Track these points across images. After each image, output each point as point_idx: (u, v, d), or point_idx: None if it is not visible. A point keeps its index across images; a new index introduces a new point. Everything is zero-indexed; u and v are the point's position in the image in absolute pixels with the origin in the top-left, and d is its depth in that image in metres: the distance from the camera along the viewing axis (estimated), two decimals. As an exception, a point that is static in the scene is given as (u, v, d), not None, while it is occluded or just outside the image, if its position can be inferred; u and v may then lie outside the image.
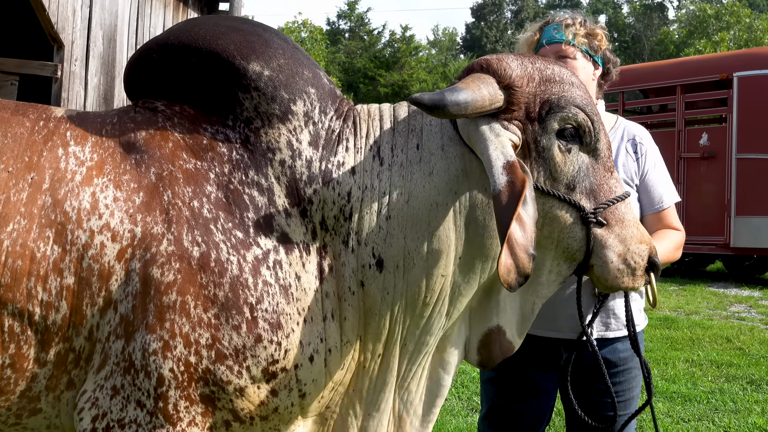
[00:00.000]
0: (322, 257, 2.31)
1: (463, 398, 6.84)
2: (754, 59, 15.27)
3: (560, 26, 3.22)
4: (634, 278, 2.44)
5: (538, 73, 2.38)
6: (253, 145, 2.31)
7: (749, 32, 39.71)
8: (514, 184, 2.14)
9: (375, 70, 48.55)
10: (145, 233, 2.16)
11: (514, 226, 2.12)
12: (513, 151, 2.24)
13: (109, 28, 9.89)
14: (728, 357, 8.63)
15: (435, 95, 2.21)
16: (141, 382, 2.14)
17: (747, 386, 7.51)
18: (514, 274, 2.13)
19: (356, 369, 2.41)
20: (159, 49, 2.39)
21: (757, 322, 11.00)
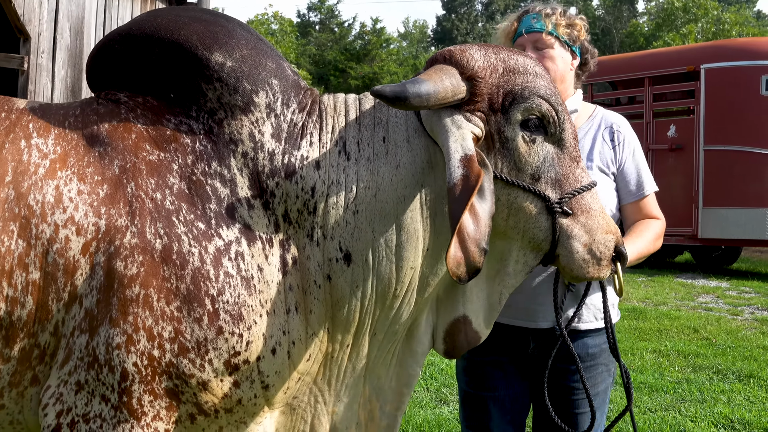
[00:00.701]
0: (286, 250, 2.30)
1: (431, 390, 6.85)
2: (721, 51, 15.38)
3: (539, 16, 3.20)
4: (600, 268, 2.45)
5: (502, 63, 2.38)
6: (216, 136, 2.30)
7: (717, 25, 39.96)
8: (468, 178, 2.14)
9: (346, 63, 48.45)
10: (109, 226, 2.15)
11: (466, 220, 2.14)
12: (473, 144, 2.24)
13: (76, 20, 9.83)
14: (695, 347, 8.71)
15: (397, 87, 2.20)
16: (105, 377, 2.13)
17: (713, 376, 7.58)
18: (464, 268, 2.15)
19: (324, 359, 2.42)
20: (121, 40, 2.38)
21: (724, 312, 11.10)
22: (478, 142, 2.32)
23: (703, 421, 6.22)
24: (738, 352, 8.55)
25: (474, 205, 2.17)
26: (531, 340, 3.17)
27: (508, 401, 3.26)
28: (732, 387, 7.19)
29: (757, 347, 8.80)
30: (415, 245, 2.35)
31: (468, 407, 3.35)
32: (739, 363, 8.03)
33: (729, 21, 40.02)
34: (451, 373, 7.27)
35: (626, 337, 9.24)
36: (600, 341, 3.21)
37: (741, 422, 6.20)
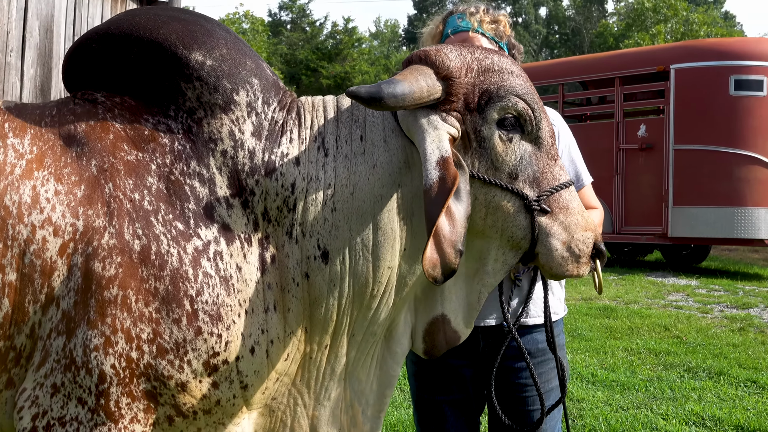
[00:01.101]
0: (264, 248, 2.30)
1: (405, 390, 6.86)
2: (691, 51, 15.49)
3: (464, 15, 3.22)
4: (579, 265, 2.45)
5: (477, 63, 2.38)
6: (195, 135, 2.29)
7: (686, 25, 40.24)
8: (444, 180, 2.14)
9: (317, 62, 48.30)
10: (87, 227, 2.13)
11: (442, 222, 2.14)
12: (449, 146, 2.24)
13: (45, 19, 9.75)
14: (666, 345, 8.78)
15: (372, 88, 2.20)
16: (82, 379, 2.11)
17: (684, 374, 7.65)
18: (439, 269, 2.15)
19: (302, 360, 2.41)
20: (99, 39, 2.36)
21: (695, 310, 11.19)
22: (455, 142, 2.32)
23: (675, 418, 6.27)
24: (708, 349, 8.62)
25: (450, 207, 2.16)
26: (481, 339, 3.16)
27: (462, 404, 3.26)
28: (703, 384, 7.26)
29: (727, 345, 8.88)
30: (392, 245, 2.35)
31: (422, 412, 3.35)
32: (710, 361, 8.10)
33: (697, 21, 40.30)
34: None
35: (598, 335, 9.30)
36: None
37: (712, 419, 6.25)
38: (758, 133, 14.56)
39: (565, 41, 70.15)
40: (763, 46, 15.37)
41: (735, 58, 14.75)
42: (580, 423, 6.11)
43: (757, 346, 8.90)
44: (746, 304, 11.63)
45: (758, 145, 14.52)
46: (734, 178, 14.56)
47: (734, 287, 13.46)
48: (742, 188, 14.55)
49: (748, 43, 16.11)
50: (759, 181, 14.53)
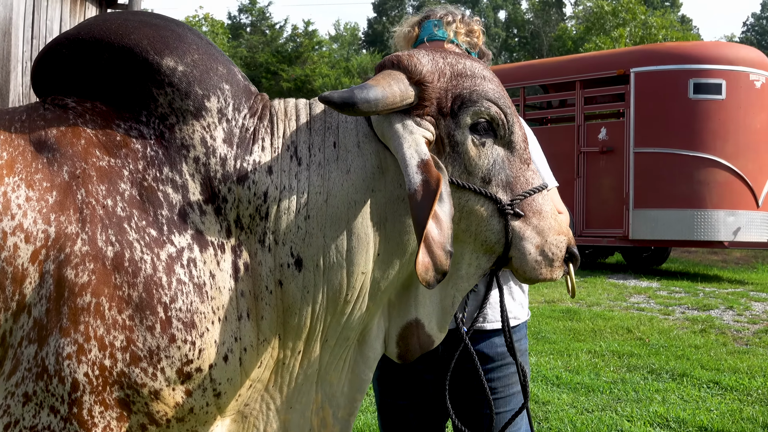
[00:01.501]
0: (237, 255, 2.28)
1: (370, 394, 6.85)
2: (650, 55, 15.66)
3: (441, 23, 3.21)
4: (552, 269, 2.45)
5: (450, 67, 2.38)
6: (167, 141, 2.27)
7: (644, 29, 40.64)
8: (428, 183, 2.14)
9: (277, 65, 48.24)
10: (59, 233, 2.10)
11: (430, 225, 2.13)
12: (427, 149, 2.24)
13: (3, 21, 9.63)
14: (629, 347, 8.85)
15: (345, 93, 2.19)
16: (55, 388, 2.08)
17: (648, 375, 7.71)
18: (432, 272, 2.14)
19: (276, 366, 2.39)
20: (69, 44, 2.33)
21: (656, 312, 11.29)
22: (430, 146, 2.31)
23: (639, 420, 6.32)
24: (671, 351, 8.70)
25: (435, 210, 2.16)
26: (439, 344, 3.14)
27: (425, 408, 3.26)
28: (666, 386, 7.32)
29: (689, 346, 8.97)
30: (365, 250, 2.35)
31: (385, 416, 3.35)
32: (672, 362, 8.17)
33: (656, 25, 40.71)
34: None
35: (561, 338, 9.35)
36: None
37: (676, 421, 6.31)
38: (717, 136, 14.74)
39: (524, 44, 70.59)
40: (721, 49, 15.60)
41: (694, 62, 14.93)
42: (545, 426, 6.14)
43: (718, 347, 9.00)
44: (707, 306, 11.76)
45: (717, 148, 14.70)
46: (694, 181, 14.73)
47: (694, 289, 13.61)
48: (701, 191, 14.73)
49: (707, 47, 16.35)
50: (718, 184, 14.71)
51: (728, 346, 9.07)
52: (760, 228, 14.93)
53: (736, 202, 14.70)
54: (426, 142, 2.28)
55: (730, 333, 9.87)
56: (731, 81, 14.79)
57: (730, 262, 19.12)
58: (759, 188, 14.87)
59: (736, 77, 14.81)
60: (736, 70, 14.85)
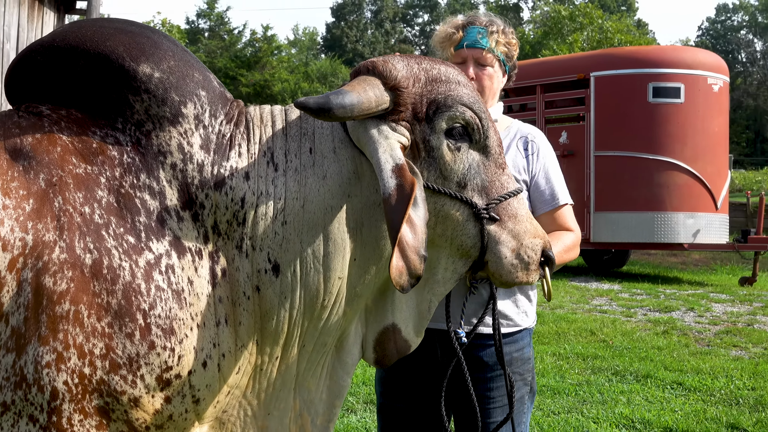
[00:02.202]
0: (215, 261, 2.28)
1: (356, 394, 6.85)
2: (610, 59, 15.79)
3: (485, 32, 3.24)
4: (528, 272, 2.47)
5: (424, 73, 2.40)
6: (144, 148, 2.26)
7: (601, 33, 40.98)
8: (403, 187, 2.16)
9: (236, 70, 48.06)
10: (36, 241, 2.08)
11: (404, 229, 2.15)
12: (402, 153, 2.25)
13: (-40, 26, 9.52)
14: (593, 349, 8.91)
15: (320, 99, 2.21)
16: (34, 397, 2.06)
17: (612, 377, 7.77)
18: (406, 276, 2.16)
19: (253, 372, 2.40)
20: (44, 52, 2.31)
21: (618, 314, 11.38)
22: (405, 151, 2.33)
23: (605, 421, 6.37)
24: (634, 353, 8.78)
25: (409, 214, 2.17)
26: (438, 347, 3.17)
27: (423, 412, 3.27)
28: (631, 387, 7.39)
29: (652, 348, 9.05)
30: (342, 255, 2.36)
31: (384, 418, 3.37)
32: (636, 364, 8.24)
33: (612, 29, 41.05)
34: (356, 382, 7.29)
35: (526, 341, 9.37)
36: (511, 349, 3.22)
37: (641, 422, 6.37)
38: (676, 139, 14.90)
39: (482, 49, 70.71)
40: (680, 54, 15.79)
41: (653, 66, 15.09)
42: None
43: (680, 348, 9.09)
44: (668, 308, 11.87)
45: (676, 151, 14.85)
46: (654, 184, 14.87)
47: (656, 291, 13.74)
48: (661, 193, 14.87)
49: (666, 51, 16.52)
50: (678, 186, 14.87)
51: (690, 347, 9.16)
52: (718, 230, 15.11)
53: (695, 204, 14.87)
54: (401, 147, 2.29)
55: (691, 334, 9.97)
56: (690, 85, 14.96)
57: (689, 264, 19.32)
58: (717, 191, 15.05)
59: (695, 81, 14.98)
60: (695, 74, 15.02)
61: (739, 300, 12.84)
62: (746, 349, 9.22)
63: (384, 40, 76.38)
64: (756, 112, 63.55)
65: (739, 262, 18.51)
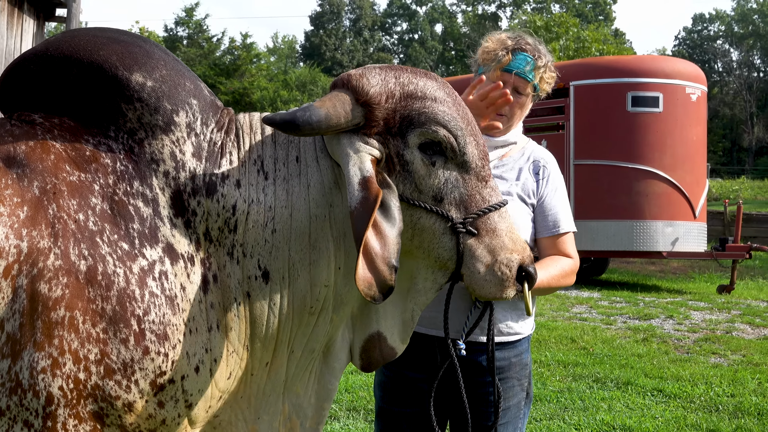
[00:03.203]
0: (207, 268, 2.31)
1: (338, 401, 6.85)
2: (589, 69, 15.86)
3: (534, 64, 3.25)
4: (503, 289, 2.45)
5: (400, 88, 2.41)
6: (137, 155, 2.29)
7: (577, 42, 41.16)
8: (367, 199, 2.18)
9: (215, 78, 47.97)
10: (31, 248, 2.09)
11: (371, 240, 2.18)
12: (371, 166, 2.28)
13: (-60, 34, 9.49)
14: (574, 357, 8.95)
15: (287, 115, 2.25)
16: (29, 402, 2.07)
17: (593, 384, 7.82)
18: (376, 288, 2.19)
19: (244, 377, 2.42)
20: (37, 61, 2.33)
21: (599, 322, 11.44)
22: (380, 163, 2.36)
23: (587, 428, 6.42)
24: (615, 360, 8.83)
25: (379, 225, 2.21)
26: (438, 352, 3.19)
27: (420, 418, 3.29)
28: (612, 394, 7.43)
29: (632, 355, 9.11)
30: (327, 264, 2.39)
31: (382, 422, 3.40)
32: (617, 371, 8.29)
33: (588, 39, 41.23)
34: (339, 390, 7.29)
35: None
36: (510, 354, 3.27)
37: (622, 428, 6.43)
38: (655, 148, 14.97)
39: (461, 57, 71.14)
40: (658, 63, 15.88)
41: (632, 75, 15.16)
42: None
43: (660, 355, 9.15)
44: (648, 315, 11.94)
45: (655, 160, 14.93)
46: (633, 192, 14.93)
47: (635, 299, 13.81)
48: (640, 202, 14.94)
49: (644, 60, 16.63)
50: (656, 195, 14.94)
51: (670, 355, 9.23)
52: (697, 238, 15.20)
53: (673, 213, 14.94)
54: (373, 159, 2.32)
55: (671, 342, 10.04)
56: (668, 94, 15.04)
57: (668, 272, 19.42)
58: (696, 199, 15.14)
59: (673, 90, 15.07)
60: (673, 84, 15.11)
61: (718, 308, 12.94)
62: (725, 356, 9.30)
63: (363, 49, 76.59)
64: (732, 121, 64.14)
65: (717, 270, 18.62)
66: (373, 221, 2.20)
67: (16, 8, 11.19)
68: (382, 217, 2.23)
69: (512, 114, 3.27)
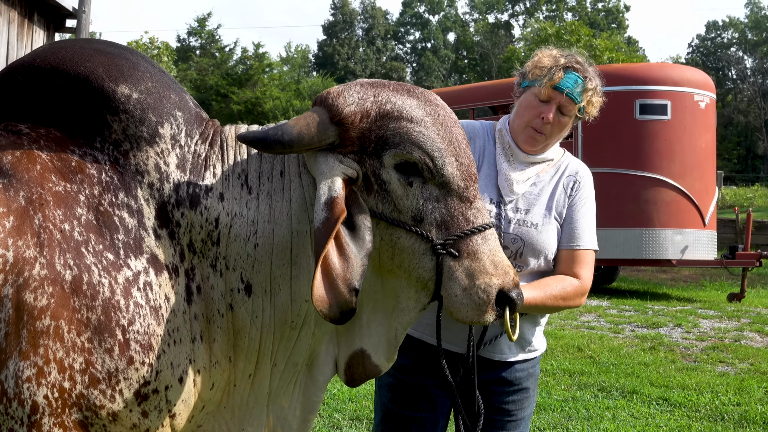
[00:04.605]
0: (191, 279, 2.33)
1: (324, 415, 6.85)
2: (597, 77, 15.82)
3: (584, 86, 3.17)
4: (480, 313, 2.41)
5: (377, 107, 2.38)
6: (122, 167, 2.31)
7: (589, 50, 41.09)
8: (329, 219, 2.19)
9: (227, 87, 48.26)
10: (17, 258, 2.10)
11: (333, 260, 2.19)
12: (340, 185, 2.27)
13: (-51, 45, 9.55)
14: (580, 366, 8.91)
15: (259, 133, 2.27)
16: (14, 411, 2.09)
17: (598, 393, 7.78)
18: (336, 308, 2.18)
19: (227, 387, 2.44)
20: (24, 71, 2.36)
21: (606, 330, 11.39)
22: (357, 182, 2.35)
23: (591, 438, 6.38)
24: (621, 369, 8.79)
25: (344, 246, 2.21)
26: (461, 366, 3.18)
27: (430, 424, 3.33)
28: (616, 404, 7.39)
29: (639, 364, 9.06)
30: (307, 279, 2.39)
31: (388, 424, 3.40)
32: (622, 380, 8.25)
33: (600, 47, 41.14)
34: (342, 398, 7.29)
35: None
36: (527, 365, 3.33)
37: (626, 438, 6.39)
38: (664, 155, 14.95)
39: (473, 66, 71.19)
40: (667, 71, 15.85)
41: (640, 83, 15.14)
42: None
43: (667, 364, 9.11)
44: (656, 324, 11.89)
45: (664, 168, 14.90)
46: (641, 200, 14.90)
47: (644, 307, 13.75)
48: (649, 210, 14.91)
49: (652, 68, 16.58)
50: (665, 203, 14.90)
51: (677, 363, 9.19)
52: (707, 246, 15.14)
53: (683, 220, 14.90)
54: (347, 178, 2.31)
55: (678, 350, 10.00)
56: (676, 102, 15.02)
57: (679, 280, 19.36)
58: (705, 207, 15.09)
59: (681, 98, 15.05)
60: (681, 91, 15.08)
61: (727, 316, 12.87)
62: (732, 364, 9.25)
63: (375, 58, 76.67)
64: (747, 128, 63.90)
65: (728, 278, 18.55)
66: (335, 241, 2.20)
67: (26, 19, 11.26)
68: (349, 237, 2.23)
69: (551, 133, 3.22)
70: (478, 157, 3.28)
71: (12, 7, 10.94)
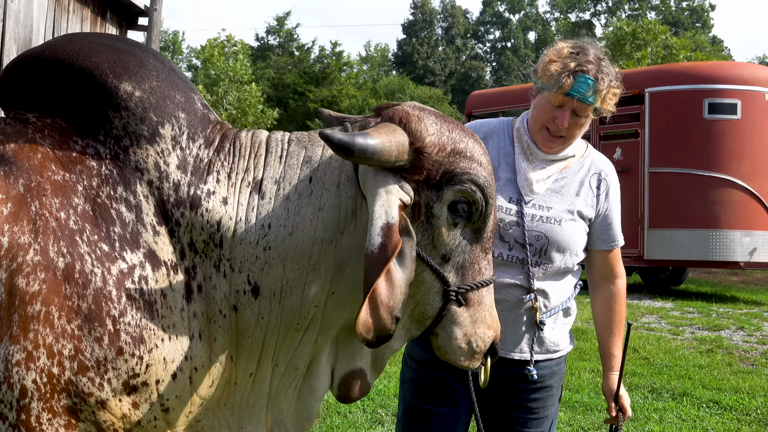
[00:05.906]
0: (191, 277, 2.34)
1: (368, 411, 6.89)
2: (665, 75, 15.60)
3: (595, 87, 3.13)
4: (472, 360, 2.51)
5: (452, 144, 2.41)
6: (122, 162, 2.33)
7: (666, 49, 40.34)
8: (386, 248, 2.17)
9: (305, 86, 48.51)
10: (12, 243, 2.14)
11: (381, 287, 2.16)
12: (398, 212, 2.25)
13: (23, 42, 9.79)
14: (633, 366, 8.80)
15: (346, 136, 2.21)
16: (3, 394, 2.12)
17: (648, 394, 7.69)
18: (374, 333, 2.17)
19: (228, 385, 2.45)
20: (33, 62, 2.40)
21: (665, 332, 11.22)
22: (405, 208, 2.34)
23: (634, 439, 6.31)
24: (674, 371, 8.66)
25: (392, 273, 2.19)
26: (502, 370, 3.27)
27: (451, 419, 3.35)
28: (665, 405, 7.30)
29: (693, 366, 8.92)
30: (322, 286, 2.40)
31: (410, 418, 3.43)
32: (674, 382, 8.14)
33: (676, 46, 40.36)
34: (388, 394, 7.31)
35: (567, 357, 9.30)
36: (551, 364, 3.36)
37: (670, 439, 6.30)
38: (732, 156, 14.66)
39: (553, 66, 70.29)
40: (736, 69, 15.50)
41: (708, 82, 14.86)
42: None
43: (723, 367, 8.95)
44: (717, 326, 11.68)
45: (732, 168, 14.61)
46: (709, 201, 14.64)
47: (708, 309, 13.50)
48: (716, 211, 14.63)
49: (722, 66, 16.24)
50: (733, 204, 14.61)
51: (733, 366, 9.02)
52: (776, 249, 14.81)
53: (751, 222, 14.59)
54: (402, 204, 2.30)
55: (737, 353, 9.81)
56: (746, 101, 14.71)
57: (749, 283, 18.96)
58: (775, 209, 14.76)
59: (752, 97, 14.73)
60: (752, 90, 14.76)
61: (794, 320, 12.58)
62: (791, 369, 9.04)
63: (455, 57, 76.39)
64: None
65: (804, 281, 18.11)
66: (386, 270, 2.18)
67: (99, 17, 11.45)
68: (396, 264, 2.22)
69: (570, 135, 3.23)
70: (494, 156, 3.29)
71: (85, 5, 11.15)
